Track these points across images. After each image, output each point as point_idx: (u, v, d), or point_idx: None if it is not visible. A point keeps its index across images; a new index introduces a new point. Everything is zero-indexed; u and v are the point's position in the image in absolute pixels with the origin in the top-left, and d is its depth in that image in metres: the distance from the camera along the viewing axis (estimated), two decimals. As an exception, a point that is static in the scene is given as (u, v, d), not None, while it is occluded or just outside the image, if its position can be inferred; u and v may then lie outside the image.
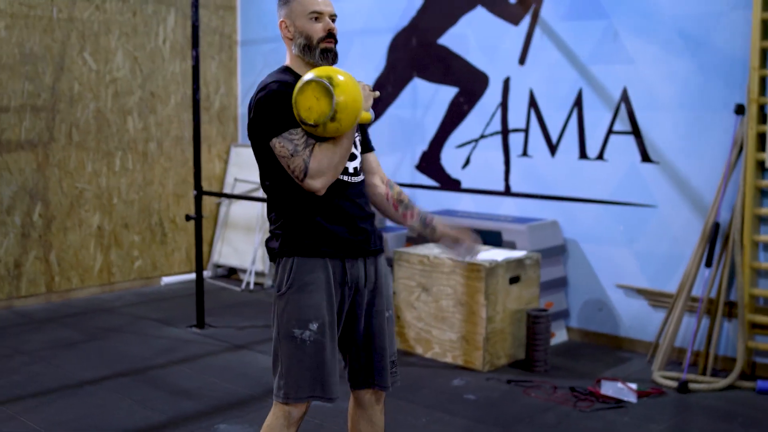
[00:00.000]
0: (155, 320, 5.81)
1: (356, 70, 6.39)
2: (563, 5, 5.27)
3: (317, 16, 2.73)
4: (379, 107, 6.32)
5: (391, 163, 6.26)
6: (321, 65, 2.73)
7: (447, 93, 5.91)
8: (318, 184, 2.58)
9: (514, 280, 4.90)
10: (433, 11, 5.94)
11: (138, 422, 4.00)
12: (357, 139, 2.81)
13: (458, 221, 5.46)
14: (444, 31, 5.89)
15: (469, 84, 5.79)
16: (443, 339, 4.93)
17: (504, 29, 5.56)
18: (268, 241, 2.77)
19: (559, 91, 5.34)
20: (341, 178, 2.71)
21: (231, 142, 7.35)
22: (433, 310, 4.97)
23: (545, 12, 5.35)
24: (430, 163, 6.06)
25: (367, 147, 2.91)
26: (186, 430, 3.91)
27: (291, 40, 2.76)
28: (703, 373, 4.68)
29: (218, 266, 7.22)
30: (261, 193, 6.93)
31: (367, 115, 2.72)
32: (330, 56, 2.74)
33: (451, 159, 5.94)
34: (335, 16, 2.78)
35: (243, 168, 7.13)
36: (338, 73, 2.56)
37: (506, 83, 5.58)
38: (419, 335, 5.05)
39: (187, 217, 5.53)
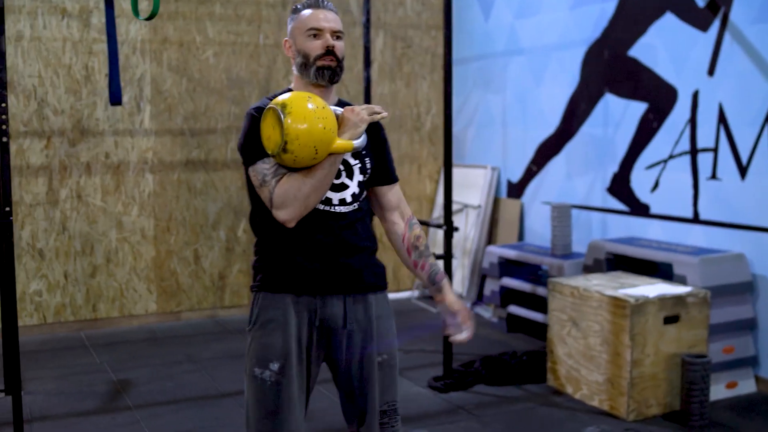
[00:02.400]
0: (333, 338, 5.87)
1: (552, 87, 6.06)
2: (754, 6, 4.57)
3: (316, 32, 2.54)
4: (573, 125, 5.91)
5: (584, 185, 5.82)
6: (317, 83, 2.57)
7: (637, 109, 5.38)
8: (283, 215, 2.42)
9: (671, 319, 4.31)
10: (623, 20, 5.44)
11: (239, 438, 4.07)
12: (356, 167, 2.58)
13: (633, 250, 4.94)
14: (634, 42, 5.37)
15: (658, 99, 5.22)
16: (590, 380, 4.47)
17: (692, 37, 4.94)
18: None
19: (749, 104, 4.63)
20: (323, 208, 2.52)
21: (443, 162, 7.26)
22: (581, 347, 4.52)
23: (735, 15, 4.67)
24: (620, 185, 5.54)
25: (384, 178, 2.68)
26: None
27: (293, 60, 2.60)
28: None
29: (425, 286, 7.16)
30: (461, 216, 6.78)
31: (347, 144, 2.44)
32: (327, 75, 2.53)
33: (640, 181, 5.38)
34: (340, 32, 2.57)
35: (454, 189, 6.99)
36: (299, 100, 2.38)
37: (695, 97, 4.95)
38: (569, 374, 4.63)
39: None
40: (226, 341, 5.81)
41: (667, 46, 5.14)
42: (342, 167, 2.56)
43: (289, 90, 2.61)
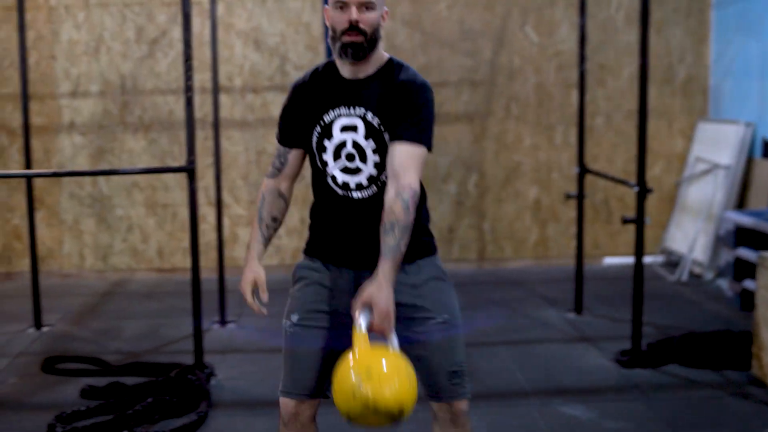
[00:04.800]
0: (546, 299, 5.69)
1: None
2: None
3: (342, 4, 2.39)
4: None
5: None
6: (344, 62, 2.42)
7: None
8: None
9: None
10: None
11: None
12: (369, 148, 2.44)
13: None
14: None
15: None
16: (791, 372, 3.93)
17: None
18: None
19: None
20: (342, 194, 2.51)
21: (698, 116, 6.64)
22: (784, 333, 3.98)
23: None
24: None
25: (390, 133, 2.43)
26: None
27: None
28: None
29: (669, 252, 6.63)
30: (710, 177, 6.20)
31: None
32: (350, 52, 2.38)
33: None
34: (371, 3, 2.38)
35: (707, 146, 6.39)
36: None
37: None
38: (772, 362, 4.10)
39: (567, 196, 5.29)
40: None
41: None
42: (354, 151, 2.45)
43: (331, 61, 2.51)
